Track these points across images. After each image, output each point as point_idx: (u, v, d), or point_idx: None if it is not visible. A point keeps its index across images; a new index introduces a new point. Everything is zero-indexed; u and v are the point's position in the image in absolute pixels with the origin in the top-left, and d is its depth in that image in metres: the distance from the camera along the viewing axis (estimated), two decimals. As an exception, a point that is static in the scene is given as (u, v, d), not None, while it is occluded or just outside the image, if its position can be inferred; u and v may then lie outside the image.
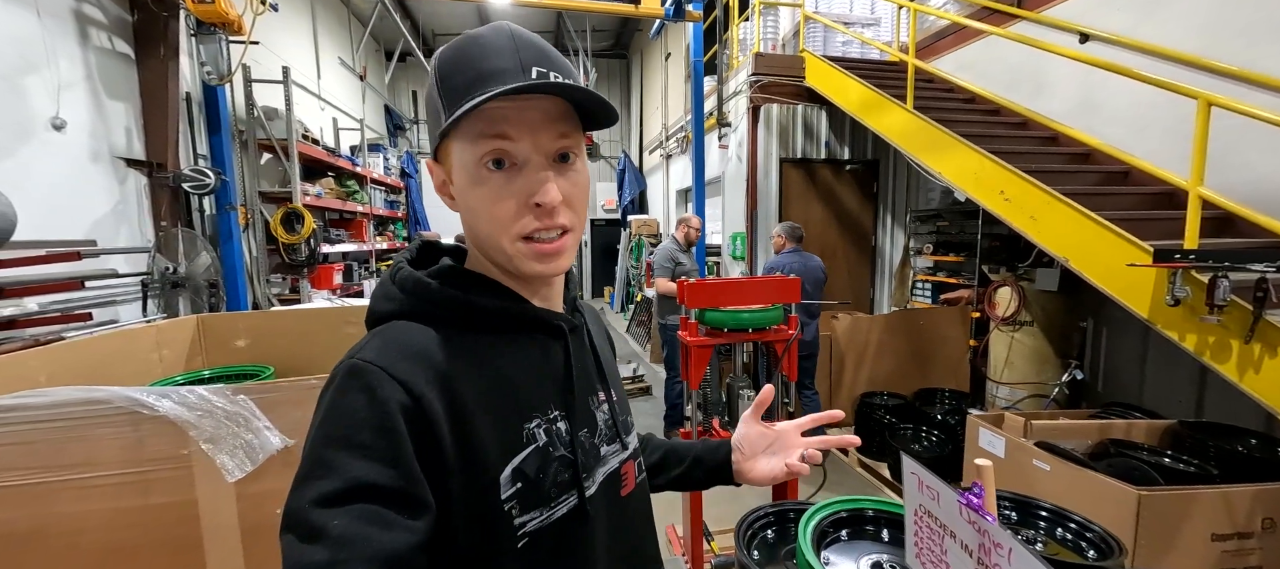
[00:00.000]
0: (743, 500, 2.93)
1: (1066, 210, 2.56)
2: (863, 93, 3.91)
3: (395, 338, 0.52)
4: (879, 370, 3.67)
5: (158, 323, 1.92)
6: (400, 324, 0.54)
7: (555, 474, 0.55)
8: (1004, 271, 3.50)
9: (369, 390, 0.47)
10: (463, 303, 0.54)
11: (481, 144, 0.51)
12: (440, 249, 0.64)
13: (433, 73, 0.54)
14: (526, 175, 0.52)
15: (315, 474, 0.45)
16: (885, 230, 5.07)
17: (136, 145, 3.90)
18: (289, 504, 0.44)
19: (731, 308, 1.97)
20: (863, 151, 4.94)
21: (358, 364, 0.49)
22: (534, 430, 0.55)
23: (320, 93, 6.82)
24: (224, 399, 0.99)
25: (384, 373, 0.48)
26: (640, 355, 6.44)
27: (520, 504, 0.52)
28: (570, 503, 0.56)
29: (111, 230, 3.67)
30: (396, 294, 0.56)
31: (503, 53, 0.51)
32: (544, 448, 0.55)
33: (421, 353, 0.51)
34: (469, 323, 0.55)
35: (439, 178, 0.57)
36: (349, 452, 0.45)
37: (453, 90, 0.51)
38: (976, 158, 2.99)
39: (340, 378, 0.49)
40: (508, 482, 0.52)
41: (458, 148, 0.53)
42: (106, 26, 3.68)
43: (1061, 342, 3.33)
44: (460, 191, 0.55)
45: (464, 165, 0.53)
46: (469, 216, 0.55)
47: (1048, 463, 2.00)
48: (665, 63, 8.39)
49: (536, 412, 0.55)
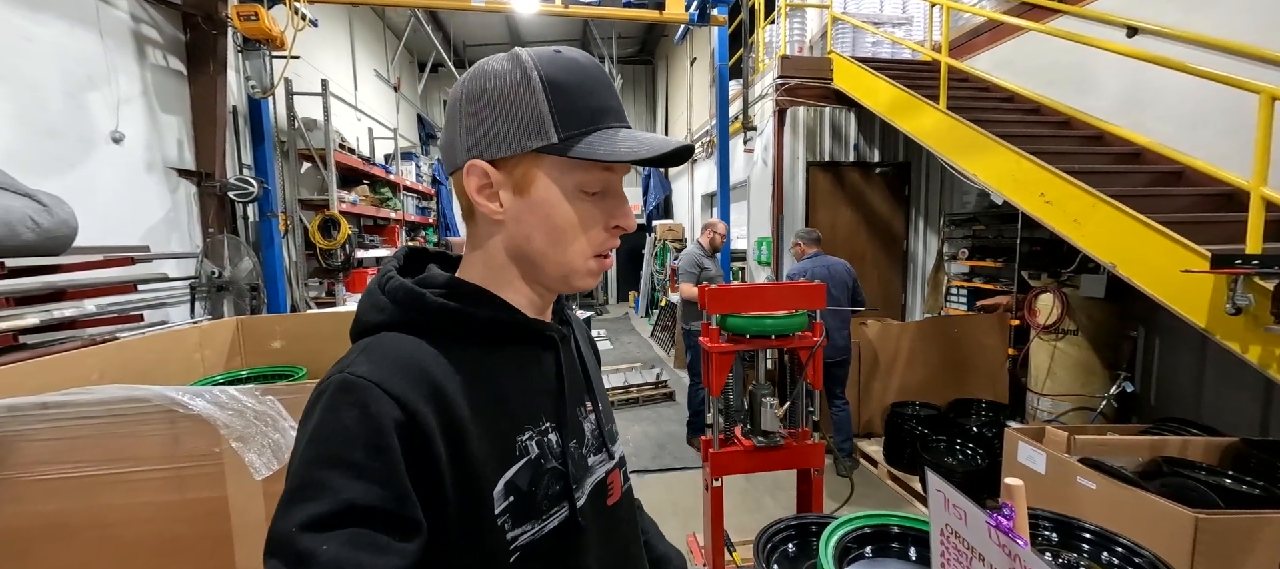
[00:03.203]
0: (766, 509, 2.89)
1: (1114, 213, 2.43)
2: (893, 93, 3.81)
3: (387, 351, 0.50)
4: (911, 379, 3.54)
5: (201, 325, 2.01)
6: (391, 336, 0.52)
7: (547, 486, 0.54)
8: (1045, 277, 3.34)
9: (361, 407, 0.46)
10: (456, 314, 0.53)
11: (591, 173, 0.53)
12: (426, 256, 0.63)
13: (537, 79, 0.51)
14: (610, 201, 0.56)
15: (304, 496, 0.43)
16: (917, 235, 4.92)
17: (187, 156, 4.13)
18: (275, 527, 0.42)
19: (754, 314, 1.93)
20: (893, 154, 4.81)
21: (349, 379, 0.47)
22: (526, 443, 0.54)
23: (357, 104, 7.09)
24: (253, 399, 1.02)
25: (377, 388, 0.46)
26: (664, 361, 6.41)
27: (513, 518, 0.52)
28: (561, 515, 0.55)
29: (164, 236, 3.89)
30: (386, 304, 0.54)
31: (610, 90, 0.54)
32: (536, 460, 0.54)
33: (415, 366, 0.49)
34: (461, 334, 0.54)
35: (483, 180, 0.54)
36: (340, 472, 0.43)
37: (571, 111, 0.51)
38: (1015, 159, 2.87)
39: (330, 393, 0.47)
40: (501, 496, 0.51)
41: (556, 167, 0.53)
42: (162, 45, 3.91)
43: (1109, 352, 3.15)
44: (539, 207, 0.53)
45: (560, 185, 0.53)
46: (539, 231, 0.54)
47: (1093, 481, 1.89)
48: (690, 68, 8.38)
49: (528, 423, 0.55)
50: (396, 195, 7.15)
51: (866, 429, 3.59)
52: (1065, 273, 3.22)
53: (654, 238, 8.85)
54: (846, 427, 3.22)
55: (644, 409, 4.61)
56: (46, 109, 3.07)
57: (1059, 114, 3.65)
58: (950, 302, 4.36)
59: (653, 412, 4.54)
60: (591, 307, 10.66)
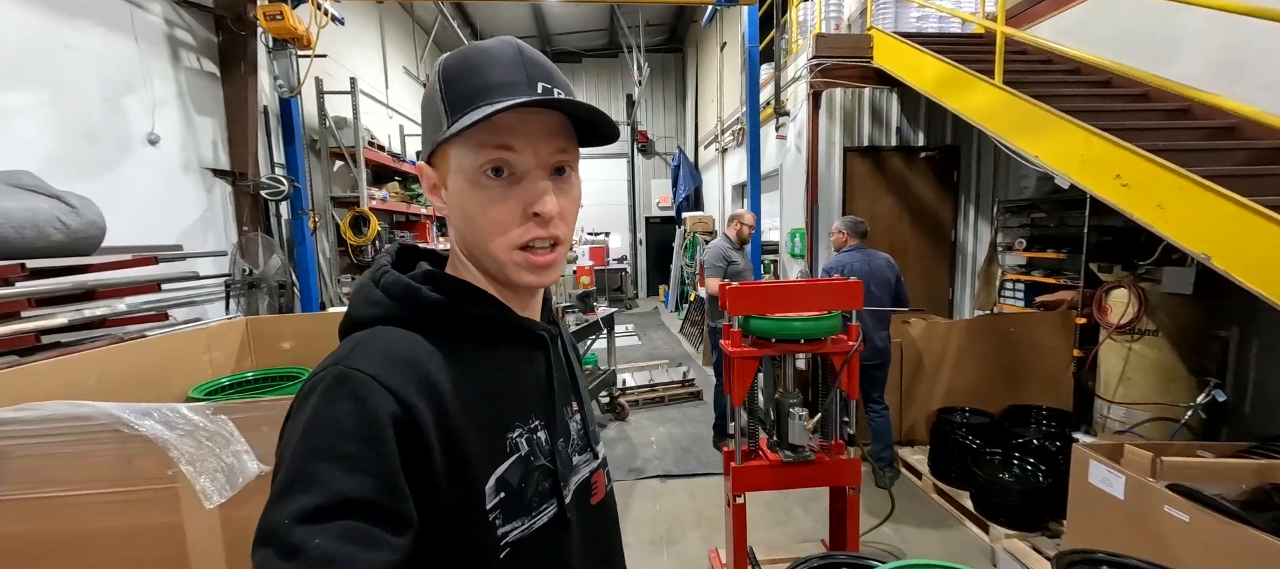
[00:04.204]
0: (797, 522, 2.68)
1: (1208, 196, 2.09)
2: (941, 70, 3.48)
3: (383, 345, 0.50)
4: (959, 383, 3.24)
5: (210, 326, 1.98)
6: (386, 330, 0.52)
7: (536, 483, 0.55)
8: (1119, 270, 2.97)
9: (357, 399, 0.45)
10: (450, 310, 0.54)
11: (483, 152, 0.52)
12: (418, 253, 0.63)
13: (436, 78, 0.54)
14: (526, 185, 0.53)
15: (296, 487, 0.42)
16: (967, 224, 4.54)
17: (222, 156, 4.22)
18: (265, 520, 0.42)
19: (780, 316, 1.74)
20: (940, 136, 4.44)
21: (345, 371, 0.47)
22: (516, 440, 0.55)
23: (388, 101, 7.18)
24: (204, 418, 0.92)
25: (373, 381, 0.46)
26: (692, 358, 6.23)
27: (503, 514, 0.52)
28: (550, 512, 0.56)
29: (200, 235, 4.00)
30: (381, 299, 0.54)
31: (510, 66, 0.52)
32: (526, 457, 0.55)
33: (410, 361, 0.49)
34: (455, 330, 0.54)
35: (431, 180, 0.57)
36: (334, 464, 0.43)
37: (458, 97, 0.52)
38: (1085, 137, 2.54)
39: (327, 385, 0.47)
40: (492, 491, 0.51)
41: (457, 153, 0.53)
42: (195, 48, 4.00)
43: (1194, 355, 2.77)
44: (455, 196, 0.54)
45: (462, 170, 0.53)
46: (462, 222, 0.55)
47: (1186, 512, 1.61)
48: (720, 53, 8.08)
49: (518, 421, 0.56)
50: (427, 192, 7.20)
51: (908, 436, 3.32)
52: (1143, 265, 2.85)
53: (683, 230, 8.64)
54: (886, 434, 2.97)
55: (669, 409, 4.46)
56: (85, 114, 3.17)
57: (1136, 85, 3.25)
58: (1004, 297, 3.99)
59: (679, 412, 4.38)
60: (620, 300, 10.57)
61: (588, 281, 9.44)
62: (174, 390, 1.76)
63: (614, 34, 9.52)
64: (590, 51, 10.83)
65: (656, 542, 2.56)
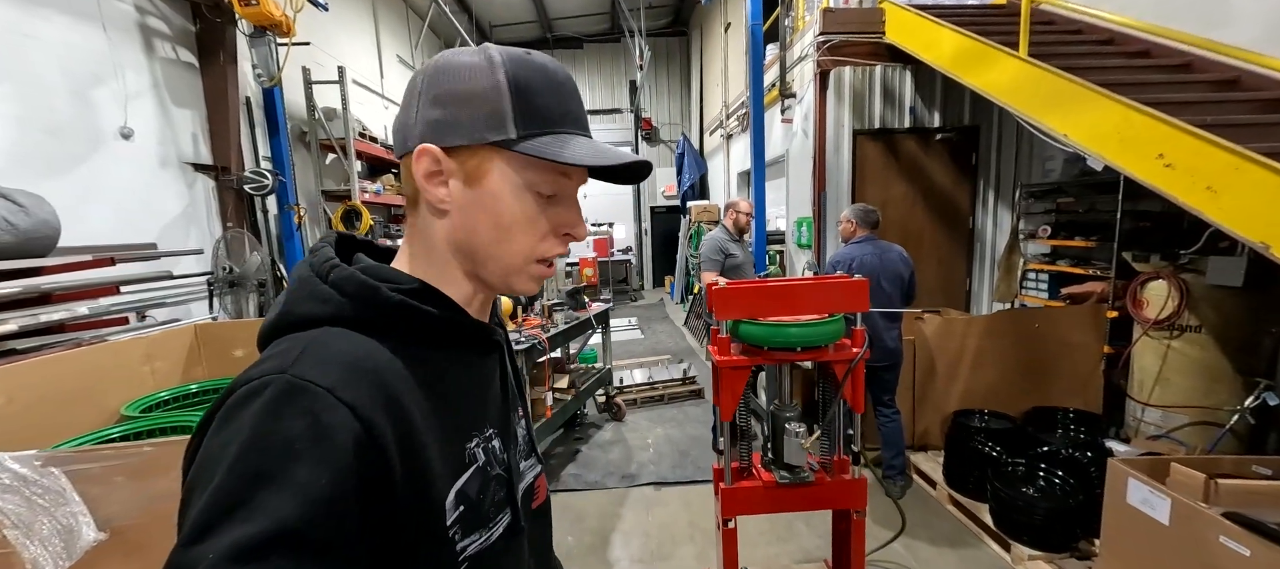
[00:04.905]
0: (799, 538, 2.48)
1: (1267, 176, 1.84)
2: (959, 43, 3.20)
3: (337, 351, 0.45)
4: (977, 383, 3.00)
5: (151, 334, 1.83)
6: (337, 333, 0.47)
7: (493, 493, 0.54)
8: (1157, 260, 2.70)
9: (311, 416, 0.40)
10: (415, 312, 0.50)
11: (547, 176, 0.52)
12: (355, 244, 0.57)
13: (503, 76, 0.50)
14: (563, 207, 0.54)
15: (231, 516, 0.36)
16: (986, 210, 4.26)
17: (203, 150, 4.08)
18: (185, 555, 0.35)
19: (774, 320, 1.53)
20: (958, 116, 4.15)
21: (296, 382, 0.41)
22: (474, 450, 0.53)
23: (383, 92, 7.00)
24: (33, 470, 0.74)
25: (329, 394, 0.42)
26: (696, 352, 6.03)
27: (463, 528, 0.50)
28: (505, 521, 0.55)
29: (182, 232, 3.87)
30: (330, 295, 0.48)
31: (574, 98, 0.54)
32: (484, 467, 0.54)
33: (369, 369, 0.45)
34: (415, 336, 0.50)
35: (432, 167, 0.51)
36: (278, 491, 0.37)
37: (536, 111, 0.51)
38: (1122, 111, 2.27)
39: (272, 395, 0.41)
40: (452, 506, 0.49)
41: (511, 163, 0.51)
42: (171, 37, 3.84)
43: (1242, 354, 2.51)
44: (487, 200, 0.52)
45: (508, 179, 0.51)
46: (483, 225, 0.52)
47: (1246, 545, 1.39)
48: (724, 34, 7.77)
49: (475, 430, 0.54)
50: (424, 183, 7.05)
51: (922, 441, 3.10)
52: (1186, 254, 2.58)
53: (688, 220, 8.40)
54: (897, 440, 2.75)
55: (669, 408, 4.28)
56: (51, 107, 3.03)
57: (1178, 55, 2.95)
58: (1026, 288, 3.73)
59: (679, 411, 4.19)
60: (625, 292, 10.38)
61: (591, 274, 9.26)
62: (106, 407, 1.61)
63: (616, 18, 9.23)
64: (591, 37, 10.54)
65: (646, 559, 2.39)
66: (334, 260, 0.50)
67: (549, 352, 3.02)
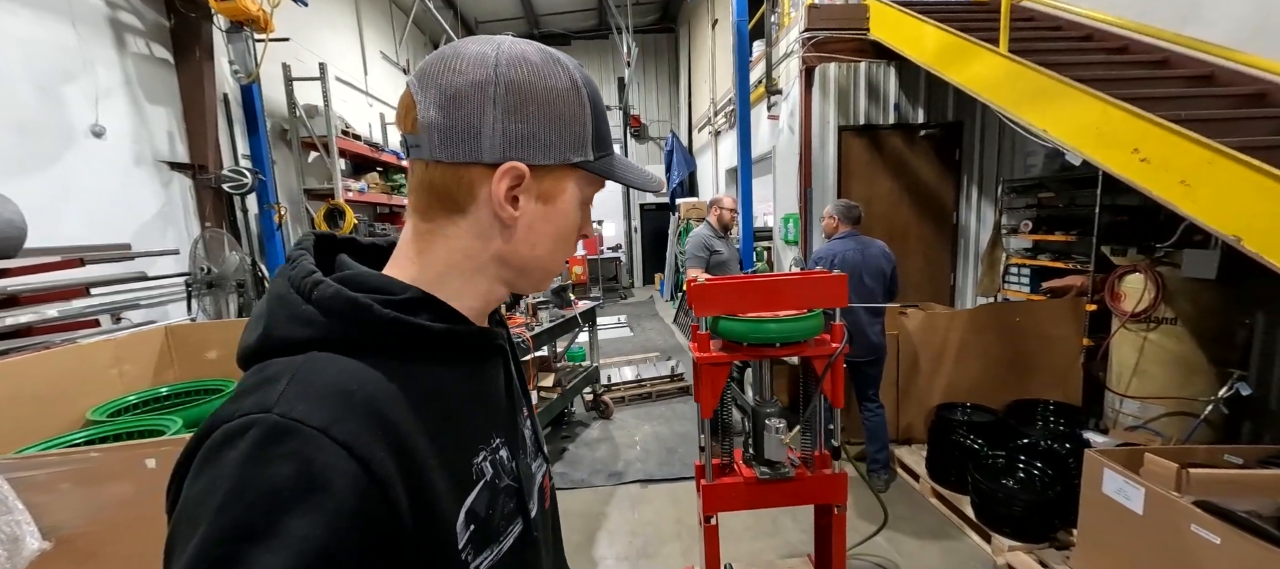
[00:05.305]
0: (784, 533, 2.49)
1: (1239, 170, 1.87)
2: (942, 39, 3.21)
3: (326, 382, 0.41)
4: (961, 377, 3.03)
5: (118, 337, 1.79)
6: (324, 360, 0.43)
7: (502, 506, 0.52)
8: (1134, 253, 2.74)
9: (301, 460, 0.36)
10: (408, 328, 0.46)
11: (593, 188, 0.55)
12: (336, 244, 0.54)
13: (587, 95, 0.51)
14: (586, 214, 0.57)
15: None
16: (969, 205, 4.29)
17: (179, 148, 4.00)
18: None
19: (753, 316, 1.53)
20: (941, 113, 4.18)
21: (281, 422, 0.37)
22: (481, 465, 0.50)
23: (367, 89, 6.91)
24: (-27, 481, 0.70)
25: (321, 435, 0.37)
26: (685, 349, 6.03)
27: (474, 547, 0.48)
28: (516, 531, 0.53)
29: (158, 232, 3.79)
30: (313, 317, 0.44)
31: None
32: (492, 481, 0.51)
33: (363, 399, 0.41)
34: (410, 351, 0.47)
35: (515, 182, 0.49)
36: (268, 548, 0.34)
37: (602, 132, 0.53)
38: (1099, 107, 2.29)
39: (256, 438, 0.37)
40: (462, 527, 0.46)
41: (577, 179, 0.53)
42: (144, 33, 3.75)
43: (1216, 345, 2.55)
44: (556, 215, 0.52)
45: (571, 196, 0.53)
46: (546, 239, 0.53)
47: (1218, 534, 1.41)
48: (712, 31, 7.76)
49: (481, 443, 0.51)
50: (410, 182, 6.97)
51: (906, 434, 3.12)
52: (1161, 247, 2.62)
53: (677, 217, 8.40)
54: (881, 434, 2.77)
55: (657, 405, 4.27)
56: (17, 104, 2.94)
57: (1154, 51, 2.99)
58: (1009, 282, 3.77)
59: (666, 409, 4.19)
60: (615, 289, 10.36)
61: (580, 272, 9.23)
62: (72, 412, 1.57)
63: (603, 14, 9.18)
64: (579, 33, 10.48)
65: (632, 557, 2.38)
66: (314, 274, 0.45)
67: (533, 350, 3.00)
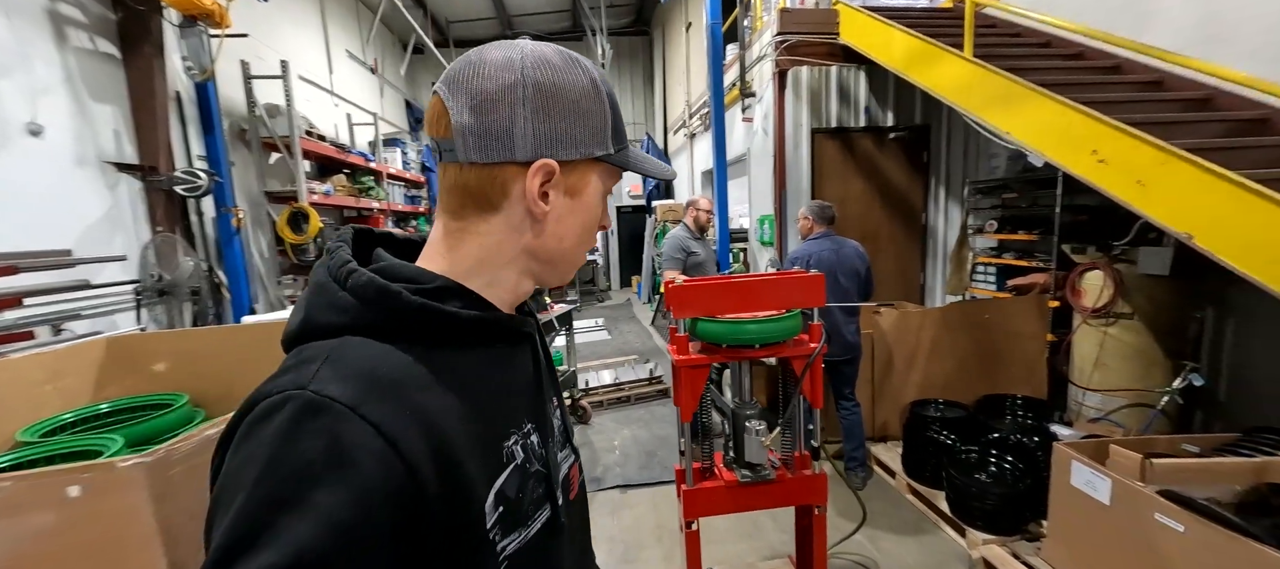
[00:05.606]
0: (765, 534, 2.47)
1: (1192, 171, 1.95)
2: (910, 44, 3.29)
3: (358, 363, 0.43)
4: (934, 374, 3.09)
5: (55, 349, 1.65)
6: (357, 343, 0.45)
7: (531, 490, 0.53)
8: (1093, 251, 2.84)
9: (331, 436, 0.39)
10: (436, 314, 0.47)
11: (613, 180, 0.57)
12: (373, 238, 0.56)
13: (605, 93, 0.54)
14: (605, 206, 0.58)
15: (253, 544, 0.36)
16: (938, 206, 4.41)
17: (127, 148, 3.77)
18: None
19: (731, 317, 1.51)
20: (910, 116, 4.28)
21: (314, 399, 0.39)
22: (511, 448, 0.52)
23: (333, 88, 6.68)
24: None
25: (351, 412, 0.40)
26: (663, 352, 6.02)
27: (502, 528, 0.49)
28: (544, 517, 0.54)
29: (105, 237, 3.56)
30: (349, 303, 0.46)
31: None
32: (522, 465, 0.52)
33: (393, 382, 0.43)
34: (439, 337, 0.48)
35: (546, 178, 0.51)
36: (296, 516, 0.36)
37: (620, 126, 0.55)
38: (1060, 110, 2.37)
39: (290, 414, 0.39)
40: (491, 508, 0.48)
41: (601, 173, 0.55)
42: (87, 26, 3.53)
43: (1171, 338, 2.66)
44: (581, 209, 0.54)
45: (595, 188, 0.55)
46: (572, 231, 0.55)
47: (1181, 522, 1.45)
48: (686, 34, 7.80)
49: (512, 427, 0.53)
50: (380, 184, 6.79)
51: (881, 431, 3.17)
52: (1118, 245, 2.72)
53: (654, 219, 8.39)
54: (857, 432, 2.79)
55: (635, 408, 4.24)
56: (-58, 100, 2.73)
57: (1107, 58, 3.12)
58: (976, 280, 3.87)
59: (645, 411, 4.15)
60: (592, 292, 10.29)
61: (556, 275, 9.13)
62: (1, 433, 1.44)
63: (577, 16, 9.13)
64: (553, 35, 10.39)
65: (613, 564, 2.34)
66: (350, 263, 0.48)
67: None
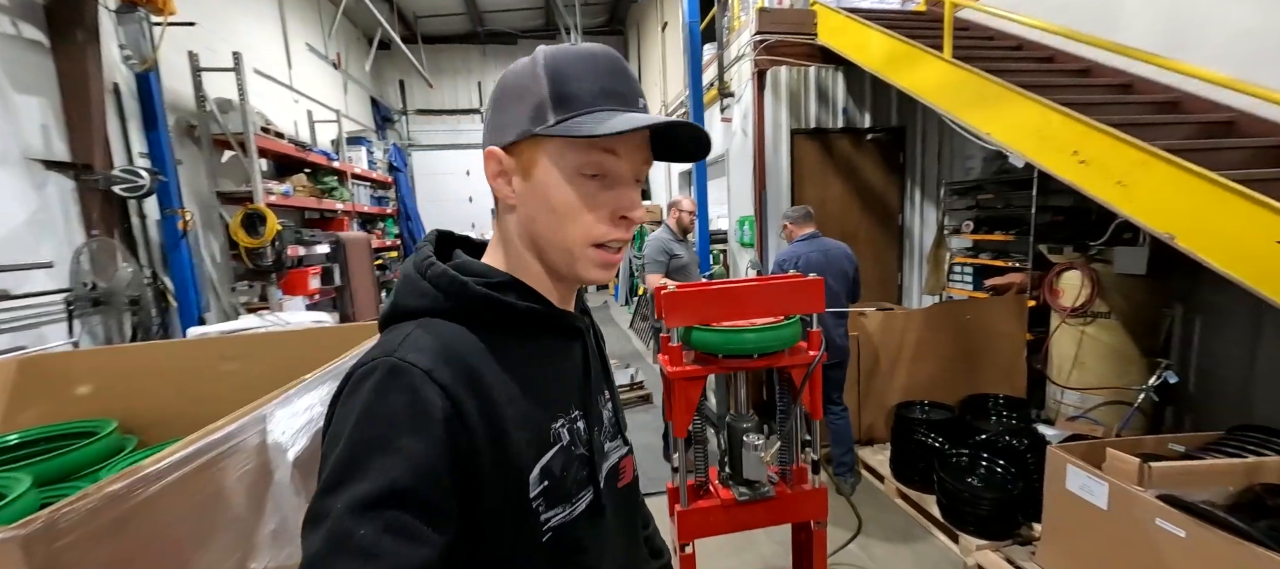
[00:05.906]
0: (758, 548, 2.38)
1: (1171, 171, 1.96)
2: (888, 45, 3.28)
3: (434, 339, 0.52)
4: (918, 375, 3.08)
5: (-48, 373, 1.43)
6: (434, 323, 0.54)
7: (575, 472, 0.57)
8: (1070, 252, 2.88)
9: (411, 392, 0.47)
10: (496, 304, 0.55)
11: (591, 154, 0.54)
12: (454, 240, 0.64)
13: (538, 69, 0.54)
14: (619, 191, 0.56)
15: (349, 475, 0.44)
16: (914, 207, 4.44)
17: (57, 145, 3.44)
18: (319, 503, 0.44)
19: (728, 326, 1.41)
20: (886, 117, 4.30)
21: (399, 364, 0.48)
22: (558, 430, 0.57)
23: (292, 83, 6.34)
24: None
25: (426, 376, 0.48)
26: (643, 355, 5.91)
27: (546, 501, 0.54)
28: (587, 499, 0.59)
29: (29, 242, 3.23)
30: (429, 290, 0.55)
31: (620, 76, 0.56)
32: (567, 447, 0.57)
33: (459, 356, 0.51)
34: (501, 323, 0.55)
35: (499, 167, 0.56)
36: (386, 455, 0.45)
37: (569, 97, 0.53)
38: (1040, 111, 2.38)
39: (381, 375, 0.48)
40: (536, 480, 0.53)
41: (556, 149, 0.54)
42: (8, 9, 3.20)
43: (1146, 337, 2.71)
44: (541, 188, 0.55)
45: (559, 166, 0.54)
46: (543, 213, 0.55)
47: (1181, 527, 1.43)
48: (662, 33, 7.73)
49: (561, 411, 0.58)
50: (344, 185, 6.47)
51: (868, 434, 3.14)
52: (1094, 245, 2.76)
53: (630, 221, 8.28)
54: (846, 436, 2.75)
55: (617, 416, 4.11)
56: None
57: (1078, 61, 3.18)
58: (953, 280, 3.91)
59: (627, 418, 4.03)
60: (568, 296, 10.11)
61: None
62: (-121, 474, 1.21)
63: (550, 13, 8.95)
64: (526, 32, 10.18)
65: (597, 585, 2.21)
66: (431, 258, 0.56)
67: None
